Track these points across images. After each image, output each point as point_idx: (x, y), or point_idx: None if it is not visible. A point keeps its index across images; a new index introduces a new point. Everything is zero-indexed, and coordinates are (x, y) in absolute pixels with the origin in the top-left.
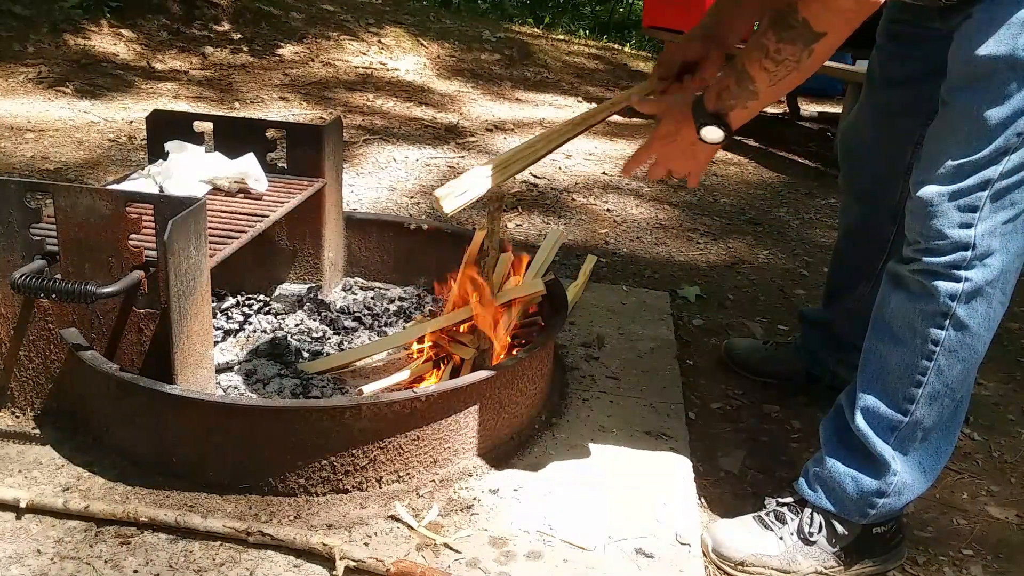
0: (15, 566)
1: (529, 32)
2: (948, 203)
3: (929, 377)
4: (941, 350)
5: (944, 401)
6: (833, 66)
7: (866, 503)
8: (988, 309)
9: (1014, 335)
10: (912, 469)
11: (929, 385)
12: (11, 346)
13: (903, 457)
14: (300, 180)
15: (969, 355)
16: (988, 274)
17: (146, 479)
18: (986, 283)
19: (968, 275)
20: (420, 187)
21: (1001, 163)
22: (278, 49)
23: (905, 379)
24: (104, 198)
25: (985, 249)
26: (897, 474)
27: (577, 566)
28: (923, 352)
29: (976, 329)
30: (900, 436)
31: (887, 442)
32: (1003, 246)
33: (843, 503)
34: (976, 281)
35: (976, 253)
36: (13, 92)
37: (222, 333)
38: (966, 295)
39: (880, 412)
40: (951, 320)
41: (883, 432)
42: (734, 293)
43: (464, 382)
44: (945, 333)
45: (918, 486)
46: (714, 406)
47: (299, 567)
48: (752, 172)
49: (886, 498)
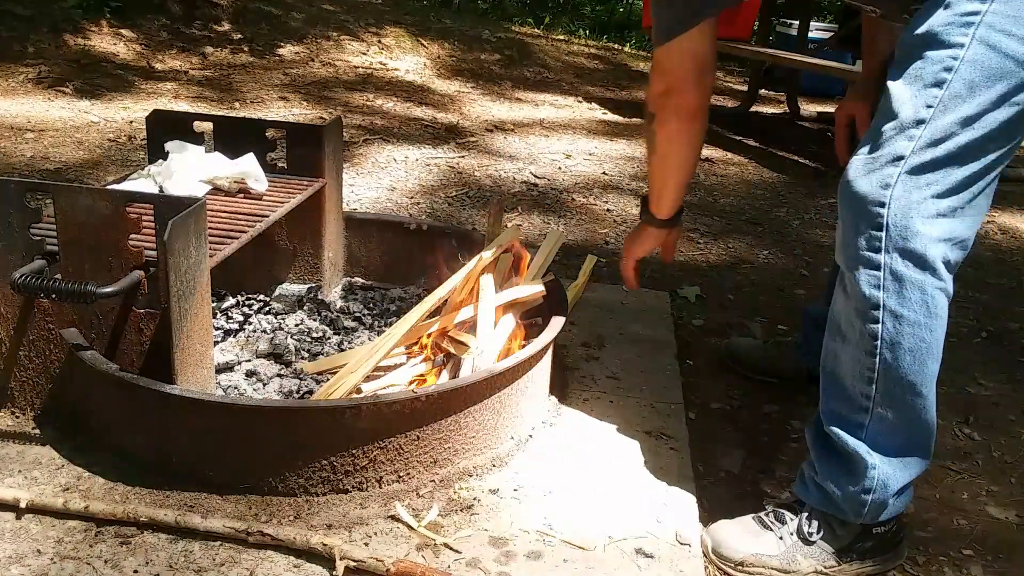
0: (15, 566)
1: (529, 32)
2: (862, 180)
3: (878, 372)
4: (882, 344)
5: (904, 395)
6: (833, 66)
7: (856, 502)
8: (923, 296)
9: (1014, 335)
10: (890, 462)
11: (881, 380)
12: (11, 346)
13: (879, 452)
14: (300, 180)
15: (916, 345)
16: (913, 260)
17: (146, 479)
18: (912, 269)
19: (888, 260)
20: (420, 187)
21: (913, 138)
22: (278, 49)
23: (858, 377)
24: (104, 198)
25: (903, 232)
26: (876, 468)
27: (577, 566)
28: (866, 348)
29: (914, 318)
30: (870, 432)
31: (860, 439)
32: (924, 229)
33: (835, 503)
34: (898, 268)
35: (892, 236)
36: (13, 92)
37: (222, 333)
38: (891, 283)
39: (844, 412)
40: (884, 312)
41: (852, 429)
42: (734, 293)
43: (464, 382)
44: (881, 327)
45: (901, 477)
46: (714, 406)
47: (299, 567)
48: (752, 172)
49: (873, 494)
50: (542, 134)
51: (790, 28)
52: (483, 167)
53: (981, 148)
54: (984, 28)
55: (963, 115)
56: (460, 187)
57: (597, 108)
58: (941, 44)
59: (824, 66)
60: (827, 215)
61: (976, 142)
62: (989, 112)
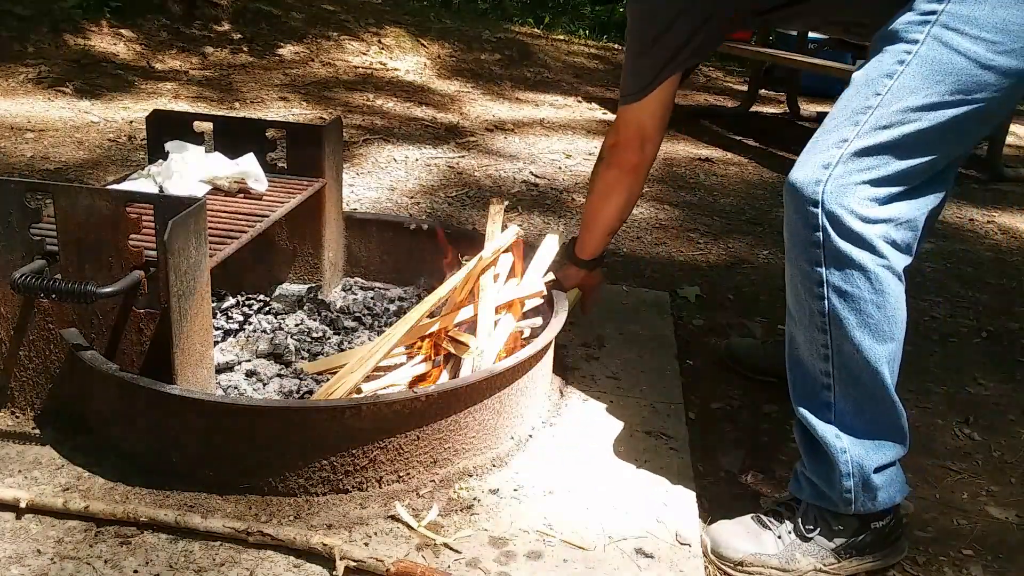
0: (15, 566)
1: (529, 32)
2: (807, 161)
3: (832, 349)
4: (830, 320)
5: (861, 372)
6: (833, 66)
7: (840, 489)
8: (865, 273)
9: (1014, 335)
10: (860, 443)
11: (835, 356)
12: (11, 346)
13: (847, 433)
14: (300, 180)
15: (864, 321)
16: (849, 237)
17: (146, 479)
18: (848, 246)
19: (824, 238)
20: (420, 187)
21: (858, 123)
22: (278, 49)
23: (815, 355)
24: (104, 198)
25: (836, 209)
26: (847, 451)
27: (577, 566)
28: (817, 325)
29: (858, 293)
30: (837, 412)
31: (828, 422)
32: (859, 210)
33: (823, 495)
34: (836, 244)
35: (827, 211)
36: (13, 92)
37: (222, 333)
38: (832, 260)
39: (809, 395)
40: (828, 288)
41: (821, 412)
42: (734, 293)
43: (464, 382)
44: (827, 303)
45: (876, 457)
46: (714, 406)
47: (299, 567)
48: (752, 172)
49: (852, 478)
50: (542, 134)
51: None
52: (483, 167)
53: (927, 140)
54: (939, 27)
55: (910, 105)
56: (460, 187)
57: (597, 108)
58: (898, 39)
59: (824, 66)
60: None
61: (922, 133)
62: (937, 107)
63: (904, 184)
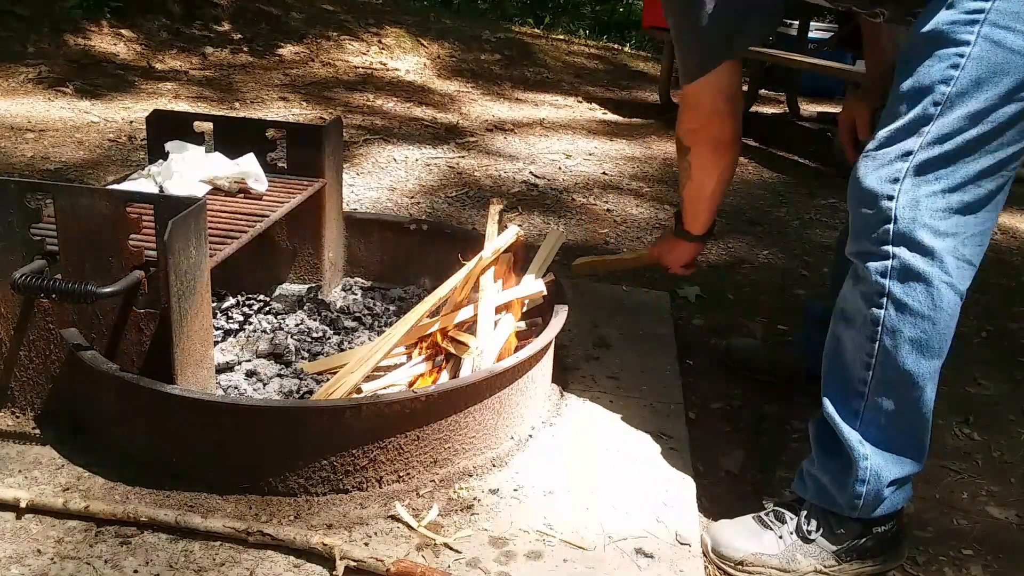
0: (15, 566)
1: (529, 32)
2: (872, 176)
3: (877, 359)
4: (883, 330)
5: (900, 386)
6: (833, 66)
7: (851, 493)
8: (928, 288)
9: (1014, 335)
10: (882, 453)
11: (879, 367)
12: (11, 346)
13: (871, 442)
14: (300, 180)
15: (918, 336)
16: (920, 251)
17: (146, 479)
18: (918, 261)
19: (896, 251)
20: (420, 187)
21: (921, 134)
22: (278, 49)
23: (857, 362)
24: (104, 198)
25: (910, 224)
26: (868, 458)
27: (577, 566)
28: (867, 333)
29: (919, 309)
30: (864, 420)
31: (853, 427)
32: (932, 223)
33: (831, 497)
34: (905, 258)
35: (900, 228)
36: (13, 92)
37: (222, 333)
38: (898, 272)
39: (841, 398)
40: (889, 299)
41: (848, 417)
42: (734, 293)
43: (464, 382)
44: (884, 312)
45: (894, 469)
46: (714, 406)
47: (299, 567)
48: (752, 172)
49: (867, 485)
50: (542, 134)
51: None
52: (483, 167)
53: (990, 143)
54: (988, 25)
55: (970, 111)
56: (460, 187)
57: (597, 108)
58: (948, 42)
59: (824, 66)
60: (827, 215)
61: (984, 137)
62: (997, 108)
63: (973, 193)
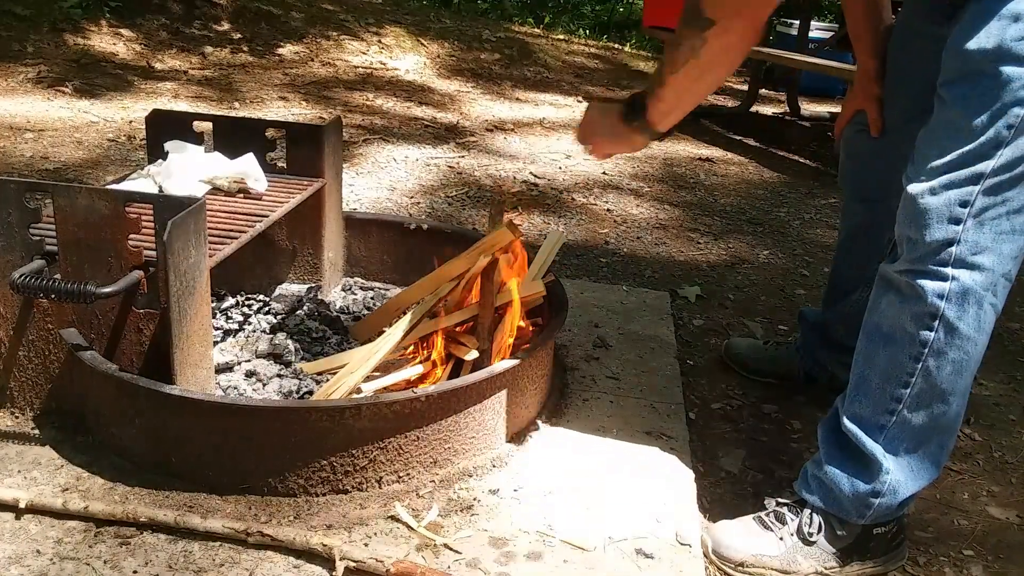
0: (15, 566)
1: (529, 32)
2: (937, 199)
3: (916, 378)
4: (929, 352)
5: (934, 403)
6: (834, 66)
7: (862, 503)
8: (979, 311)
9: (1014, 335)
10: (904, 468)
11: (917, 386)
12: (11, 346)
13: (894, 457)
14: (300, 180)
15: (960, 357)
16: (978, 274)
17: (146, 479)
18: (976, 283)
19: (956, 274)
20: (420, 187)
21: (993, 157)
22: (278, 49)
23: (893, 379)
24: (104, 198)
25: (974, 247)
26: (890, 472)
27: (577, 566)
28: (911, 353)
29: (966, 331)
30: (889, 435)
31: (876, 441)
32: (994, 245)
33: (840, 503)
34: (965, 281)
35: (964, 251)
36: (13, 92)
37: (221, 333)
38: (955, 295)
39: (868, 412)
40: (940, 321)
41: (872, 431)
42: (734, 293)
43: (464, 382)
44: (934, 335)
45: (912, 485)
46: (714, 406)
47: (299, 567)
48: (752, 172)
49: (882, 498)
50: (542, 134)
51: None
52: (483, 167)
53: None
54: None
55: None
56: (460, 187)
57: None
58: (1018, 61)
59: (824, 66)
60: (827, 215)
61: None
62: None
63: None
